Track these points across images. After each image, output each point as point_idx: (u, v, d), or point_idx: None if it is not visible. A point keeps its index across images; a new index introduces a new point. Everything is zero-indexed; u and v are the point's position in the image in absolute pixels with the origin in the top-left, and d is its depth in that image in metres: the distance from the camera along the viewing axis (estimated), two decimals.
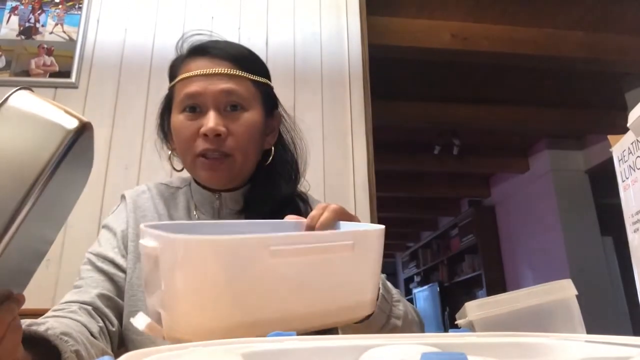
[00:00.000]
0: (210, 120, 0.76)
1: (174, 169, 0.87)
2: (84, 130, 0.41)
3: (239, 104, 0.79)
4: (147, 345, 0.72)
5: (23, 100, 0.40)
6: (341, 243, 0.47)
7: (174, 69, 0.84)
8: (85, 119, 0.42)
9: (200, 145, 0.77)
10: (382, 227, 0.52)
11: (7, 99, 0.40)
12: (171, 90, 0.84)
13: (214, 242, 0.41)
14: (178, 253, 0.40)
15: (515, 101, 3.81)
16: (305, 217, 0.60)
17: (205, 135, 0.76)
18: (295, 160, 0.90)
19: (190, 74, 0.78)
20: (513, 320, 0.58)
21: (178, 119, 0.79)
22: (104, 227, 0.85)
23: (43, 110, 0.40)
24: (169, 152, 0.87)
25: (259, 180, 0.85)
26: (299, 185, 0.90)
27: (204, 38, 0.85)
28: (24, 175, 0.38)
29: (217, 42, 0.85)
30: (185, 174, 0.89)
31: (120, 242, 0.81)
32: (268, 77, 0.86)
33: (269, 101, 0.86)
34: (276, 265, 0.43)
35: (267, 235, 0.44)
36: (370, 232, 0.51)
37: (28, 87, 0.43)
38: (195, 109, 0.78)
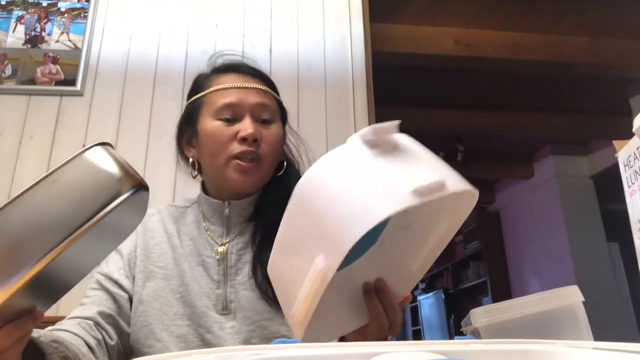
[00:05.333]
0: (249, 125, 0.82)
1: (192, 176, 0.90)
2: (139, 190, 0.48)
3: (268, 118, 0.86)
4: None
5: (97, 155, 0.49)
6: None
7: (202, 82, 0.89)
8: (142, 181, 0.49)
9: (237, 148, 0.82)
10: None
11: (84, 151, 0.49)
12: (198, 101, 0.87)
13: None
14: None
15: (519, 107, 3.80)
16: None
17: (243, 139, 0.81)
18: (299, 169, 0.94)
19: (228, 85, 0.85)
20: (519, 326, 0.57)
21: (214, 124, 0.84)
22: None
23: (109, 166, 0.49)
24: (190, 160, 0.90)
25: (270, 189, 0.89)
26: None
27: (234, 57, 0.93)
28: (79, 215, 0.45)
29: (243, 62, 0.94)
30: (192, 194, 0.94)
31: (126, 264, 0.85)
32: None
33: (284, 117, 0.94)
34: None
35: None
36: None
37: (107, 143, 0.51)
38: (229, 119, 0.84)
